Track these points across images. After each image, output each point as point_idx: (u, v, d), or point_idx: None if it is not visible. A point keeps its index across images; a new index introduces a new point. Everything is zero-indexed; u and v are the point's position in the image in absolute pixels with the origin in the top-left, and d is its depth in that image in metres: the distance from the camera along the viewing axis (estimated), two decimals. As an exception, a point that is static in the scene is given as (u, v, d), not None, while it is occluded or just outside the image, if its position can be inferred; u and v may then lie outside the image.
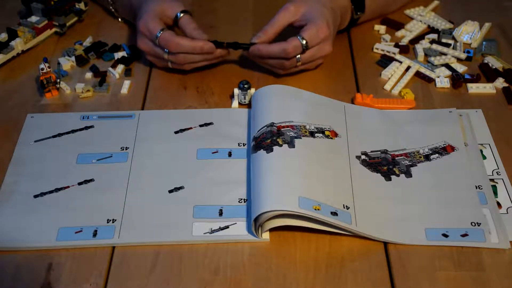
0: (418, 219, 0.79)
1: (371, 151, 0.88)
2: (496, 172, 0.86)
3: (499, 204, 0.82)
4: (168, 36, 0.95)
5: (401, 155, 0.88)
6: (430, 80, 1.01)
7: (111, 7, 1.14)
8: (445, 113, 0.94)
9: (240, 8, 1.18)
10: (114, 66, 1.05)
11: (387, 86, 1.00)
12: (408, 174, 0.85)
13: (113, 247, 0.78)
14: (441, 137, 0.90)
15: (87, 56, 1.06)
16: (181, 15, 0.99)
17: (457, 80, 1.00)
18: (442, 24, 1.12)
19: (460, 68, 1.03)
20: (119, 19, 1.15)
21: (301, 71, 1.01)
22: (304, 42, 0.94)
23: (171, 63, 1.00)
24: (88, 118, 0.95)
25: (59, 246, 0.77)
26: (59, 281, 0.74)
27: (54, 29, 1.11)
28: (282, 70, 0.99)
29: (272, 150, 0.83)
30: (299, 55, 0.95)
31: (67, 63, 1.05)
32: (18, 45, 1.06)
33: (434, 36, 1.10)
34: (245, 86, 0.96)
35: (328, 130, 0.88)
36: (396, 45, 1.08)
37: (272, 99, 0.92)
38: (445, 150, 0.88)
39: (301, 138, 0.85)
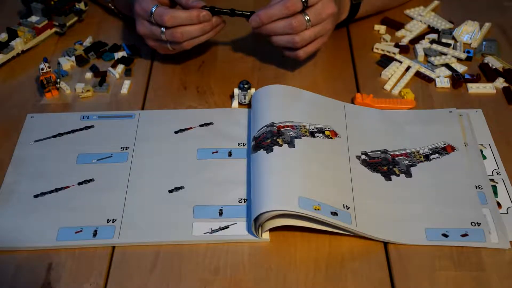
0: (418, 219, 0.79)
1: (371, 151, 0.88)
2: (496, 172, 0.86)
3: (499, 204, 0.82)
4: (163, 10, 0.92)
5: (401, 155, 0.87)
6: (430, 80, 1.01)
7: (110, 5, 1.14)
8: (445, 113, 0.94)
9: None
10: (114, 66, 1.05)
11: (387, 86, 1.00)
12: (408, 174, 0.85)
13: (113, 247, 0.78)
14: (441, 137, 0.90)
15: (87, 56, 1.06)
16: None
17: (457, 80, 1.00)
18: (442, 24, 1.12)
19: (460, 68, 1.03)
20: (120, 16, 1.14)
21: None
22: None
23: (171, 45, 0.96)
24: (88, 118, 0.95)
25: (59, 246, 0.77)
26: (59, 281, 0.74)
27: (54, 29, 1.11)
28: (292, 35, 0.93)
29: (272, 150, 0.83)
30: (307, 17, 0.91)
31: (67, 63, 1.05)
32: (18, 45, 1.06)
33: (434, 36, 1.10)
34: (245, 86, 0.95)
35: (328, 130, 0.88)
36: (396, 45, 1.08)
37: (272, 99, 0.92)
38: (445, 150, 0.88)
39: (301, 138, 0.85)
